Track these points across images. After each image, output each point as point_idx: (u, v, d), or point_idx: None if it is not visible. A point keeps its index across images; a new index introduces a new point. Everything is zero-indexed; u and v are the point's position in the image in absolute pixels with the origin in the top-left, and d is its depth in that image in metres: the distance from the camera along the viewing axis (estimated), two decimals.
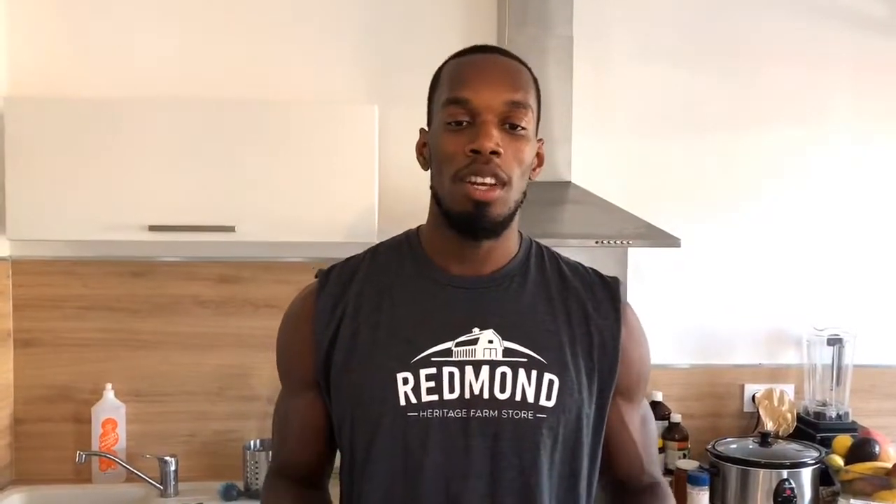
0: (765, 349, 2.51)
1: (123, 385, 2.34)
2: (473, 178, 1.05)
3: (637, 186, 2.39)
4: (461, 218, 1.08)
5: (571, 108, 2.27)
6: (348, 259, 1.21)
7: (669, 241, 2.08)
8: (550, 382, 1.09)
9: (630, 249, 2.37)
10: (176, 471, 2.24)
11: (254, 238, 2.07)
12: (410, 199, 2.28)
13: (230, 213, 2.04)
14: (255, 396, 2.38)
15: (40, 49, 2.29)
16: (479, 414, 1.07)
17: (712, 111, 2.47)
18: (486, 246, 1.12)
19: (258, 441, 2.32)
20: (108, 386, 2.30)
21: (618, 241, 2.04)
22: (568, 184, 2.24)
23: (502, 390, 1.07)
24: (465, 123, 1.07)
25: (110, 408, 2.30)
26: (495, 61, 1.12)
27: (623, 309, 1.18)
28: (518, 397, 1.07)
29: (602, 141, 2.41)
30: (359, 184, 2.08)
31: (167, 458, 2.23)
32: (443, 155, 1.08)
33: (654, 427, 1.29)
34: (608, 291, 1.18)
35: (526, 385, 1.08)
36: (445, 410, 1.07)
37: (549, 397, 1.08)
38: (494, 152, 1.05)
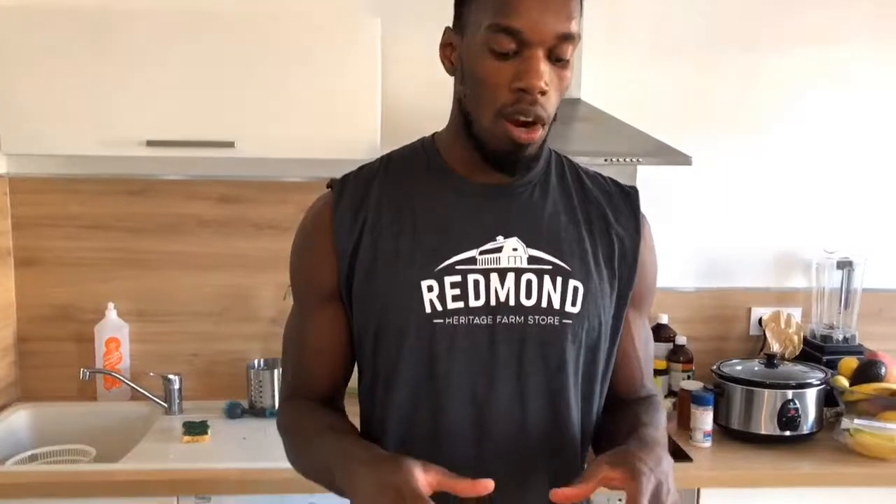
0: (773, 273, 2.48)
1: (125, 305, 2.33)
2: (517, 118, 1.00)
3: (648, 106, 2.32)
4: (498, 156, 1.05)
5: (582, 24, 2.18)
6: (361, 168, 1.17)
7: (680, 158, 2.03)
8: (575, 289, 1.09)
9: (639, 169, 2.32)
10: (180, 389, 2.25)
11: (253, 154, 2.03)
12: (414, 115, 2.22)
13: (229, 128, 1.99)
14: (258, 317, 2.37)
15: None
16: (505, 320, 1.07)
17: (727, 32, 2.38)
18: None
19: (262, 360, 2.32)
20: (111, 305, 2.29)
21: (628, 159, 2.00)
22: (578, 101, 2.18)
23: (528, 297, 1.08)
24: (511, 53, 1.00)
25: (113, 327, 2.30)
26: None
27: (642, 219, 1.18)
28: (544, 303, 1.08)
29: (614, 59, 2.33)
30: (361, 100, 2.01)
31: (171, 376, 2.23)
32: (484, 83, 1.02)
33: (653, 344, 1.29)
34: (627, 201, 1.18)
35: (552, 291, 1.08)
36: (471, 317, 1.06)
37: (574, 303, 1.09)
38: (542, 91, 0.99)
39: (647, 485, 0.91)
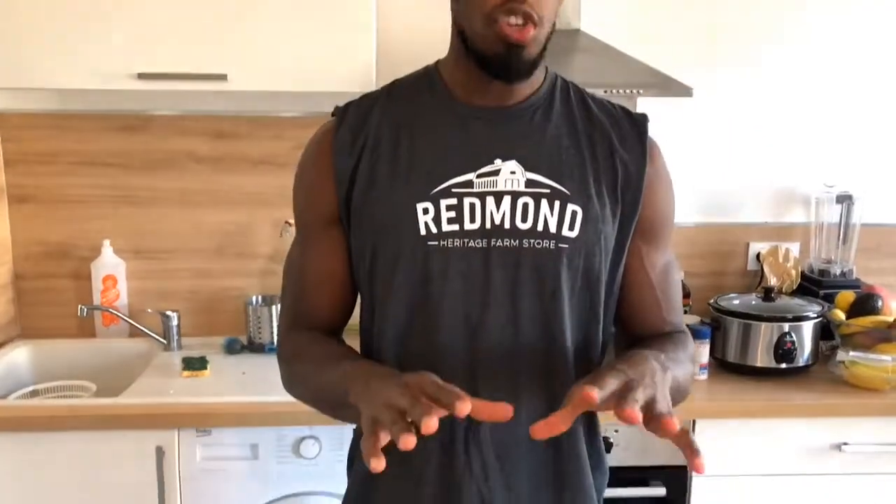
0: (772, 207, 2.47)
1: (122, 242, 2.32)
2: (506, 19, 0.99)
3: (649, 37, 2.27)
4: (494, 60, 1.04)
5: None
6: (365, 95, 1.17)
7: (681, 90, 1.99)
8: (574, 213, 1.08)
9: (639, 101, 2.28)
10: (178, 326, 2.25)
11: (247, 87, 1.98)
12: (411, 45, 2.19)
13: (222, 60, 1.94)
14: (255, 254, 2.36)
15: None
16: (499, 243, 1.07)
17: None
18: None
19: (260, 297, 2.32)
20: (106, 242, 2.28)
21: (627, 91, 1.96)
22: (577, 31, 2.13)
23: (524, 220, 1.07)
24: None
25: (109, 264, 2.29)
26: None
27: (650, 145, 1.15)
28: (540, 227, 1.07)
29: None
30: (355, 29, 1.96)
31: (169, 312, 2.23)
32: None
33: (678, 278, 1.25)
34: (635, 126, 1.15)
35: (548, 215, 1.07)
36: (466, 240, 1.06)
37: (571, 228, 1.08)
38: None
39: (613, 379, 0.87)
